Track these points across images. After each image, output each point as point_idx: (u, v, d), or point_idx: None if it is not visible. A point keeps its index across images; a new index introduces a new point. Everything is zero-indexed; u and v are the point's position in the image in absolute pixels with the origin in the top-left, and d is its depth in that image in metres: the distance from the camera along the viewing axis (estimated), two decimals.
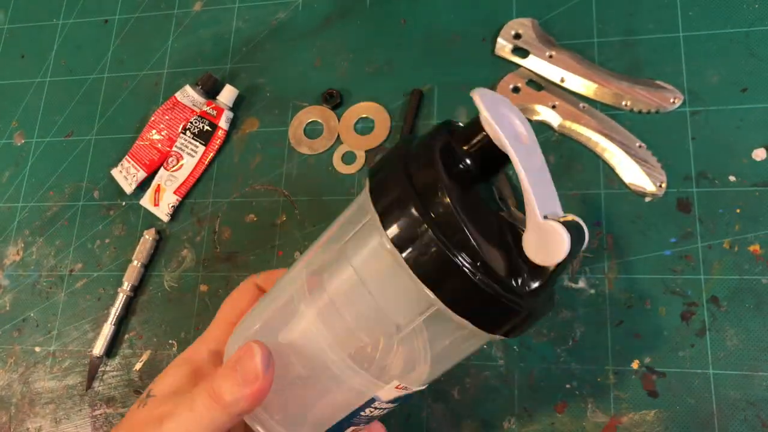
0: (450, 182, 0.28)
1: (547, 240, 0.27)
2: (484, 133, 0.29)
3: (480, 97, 0.29)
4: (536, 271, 0.28)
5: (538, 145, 0.31)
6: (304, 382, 0.32)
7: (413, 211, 0.27)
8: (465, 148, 0.30)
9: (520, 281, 0.28)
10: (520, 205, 0.29)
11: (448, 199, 0.27)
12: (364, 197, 0.31)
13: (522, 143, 0.29)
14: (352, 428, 0.34)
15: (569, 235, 0.27)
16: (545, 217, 0.27)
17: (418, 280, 0.27)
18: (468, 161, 0.29)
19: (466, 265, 0.27)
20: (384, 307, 0.30)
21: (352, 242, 0.31)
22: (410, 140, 0.31)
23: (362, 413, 0.33)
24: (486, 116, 0.28)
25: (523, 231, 0.28)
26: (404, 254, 0.27)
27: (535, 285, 0.28)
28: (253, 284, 0.39)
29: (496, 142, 0.29)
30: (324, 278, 0.32)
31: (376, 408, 0.33)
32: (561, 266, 0.28)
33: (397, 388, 0.31)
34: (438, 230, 0.27)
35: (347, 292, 0.31)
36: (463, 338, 0.32)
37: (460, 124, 0.32)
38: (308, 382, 0.32)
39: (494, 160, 0.30)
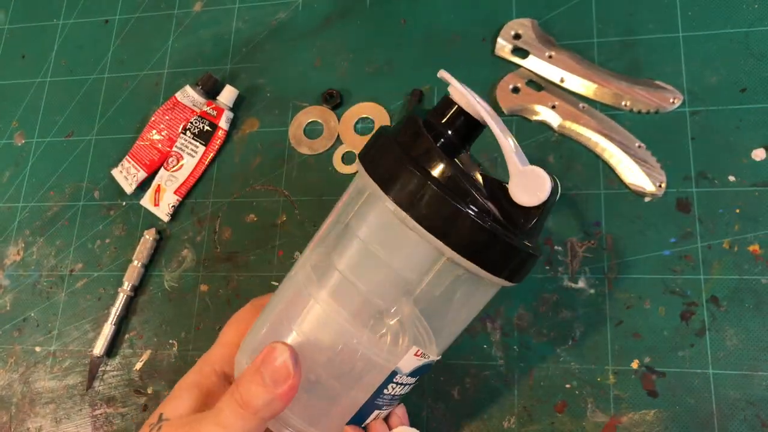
0: (439, 148, 0.31)
1: (530, 182, 0.30)
2: (456, 105, 0.33)
3: (448, 75, 0.33)
4: (526, 214, 0.31)
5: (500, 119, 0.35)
6: (326, 369, 0.33)
7: (413, 170, 0.30)
8: (442, 121, 0.33)
9: (514, 224, 0.31)
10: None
11: (442, 157, 0.31)
12: (359, 181, 0.34)
13: (488, 112, 0.33)
14: (375, 412, 0.35)
15: (549, 175, 0.30)
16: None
17: (427, 233, 0.30)
18: (447, 132, 0.33)
19: (470, 211, 0.29)
20: (396, 266, 0.32)
21: (355, 219, 0.33)
22: (387, 128, 0.35)
23: (385, 391, 0.33)
24: (458, 88, 0.33)
25: (506, 184, 0.31)
26: (409, 211, 0.30)
27: (529, 225, 0.31)
28: (255, 306, 0.39)
29: (469, 110, 0.33)
30: (332, 259, 0.33)
31: (397, 383, 0.34)
32: (546, 208, 0.31)
33: (416, 355, 0.33)
34: (438, 183, 0.30)
35: (357, 262, 0.33)
36: (469, 290, 0.34)
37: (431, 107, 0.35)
38: (329, 368, 0.33)
39: (469, 126, 0.34)
